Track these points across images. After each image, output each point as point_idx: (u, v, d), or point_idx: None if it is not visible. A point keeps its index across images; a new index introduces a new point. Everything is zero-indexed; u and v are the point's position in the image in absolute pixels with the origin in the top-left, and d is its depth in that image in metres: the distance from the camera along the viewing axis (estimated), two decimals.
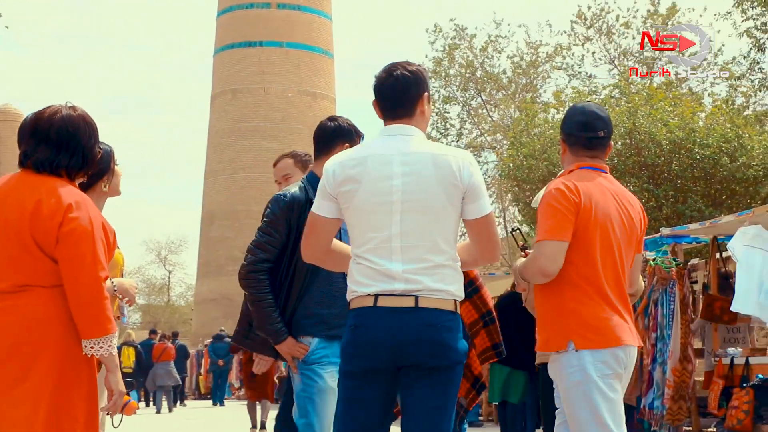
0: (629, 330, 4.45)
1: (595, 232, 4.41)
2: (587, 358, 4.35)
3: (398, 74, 4.02)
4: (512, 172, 22.13)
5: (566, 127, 4.61)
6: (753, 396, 10.20)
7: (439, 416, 3.93)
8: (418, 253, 3.89)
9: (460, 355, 3.95)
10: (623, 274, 4.50)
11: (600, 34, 29.44)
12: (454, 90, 31.34)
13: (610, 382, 4.37)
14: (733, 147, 18.78)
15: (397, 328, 3.88)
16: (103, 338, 3.81)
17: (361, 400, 3.97)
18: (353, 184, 3.95)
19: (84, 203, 3.88)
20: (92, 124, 4.02)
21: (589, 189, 4.44)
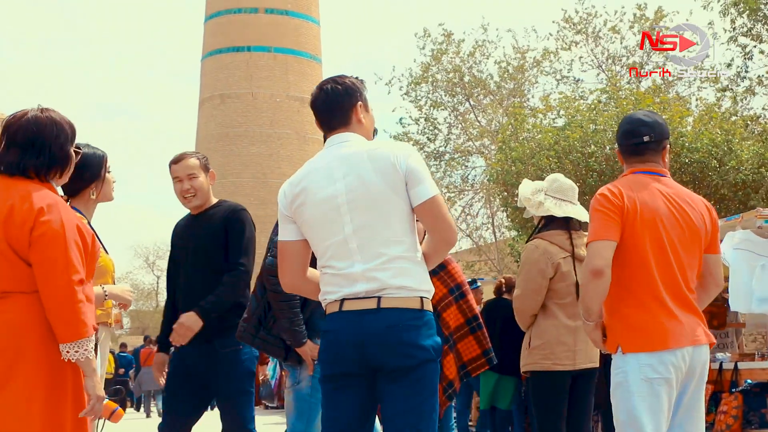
0: (687, 332, 4.47)
1: (643, 233, 4.46)
2: (631, 361, 4.42)
3: (328, 88, 4.13)
4: (500, 177, 22.14)
5: (617, 137, 4.76)
6: (742, 401, 10.21)
7: (415, 417, 3.91)
8: (374, 248, 3.90)
9: (428, 353, 3.91)
10: (683, 275, 4.53)
11: (588, 38, 29.48)
12: (442, 95, 31.35)
13: (655, 386, 4.39)
14: (722, 151, 18.82)
15: (360, 330, 3.90)
16: (78, 342, 3.77)
17: (339, 403, 4.00)
18: (302, 198, 4.02)
19: (56, 206, 3.85)
20: (61, 123, 4.00)
21: (634, 191, 4.52)
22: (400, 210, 3.93)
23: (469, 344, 6.61)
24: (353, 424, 3.99)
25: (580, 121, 20.96)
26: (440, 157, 31.36)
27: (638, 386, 4.39)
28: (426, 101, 31.20)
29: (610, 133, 20.06)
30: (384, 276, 3.89)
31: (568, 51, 29.67)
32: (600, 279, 4.39)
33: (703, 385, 4.60)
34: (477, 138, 31.70)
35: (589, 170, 19.82)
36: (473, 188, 32.22)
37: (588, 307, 4.48)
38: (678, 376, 4.45)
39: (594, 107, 21.92)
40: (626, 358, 4.43)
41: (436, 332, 3.99)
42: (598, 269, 4.39)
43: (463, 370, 6.62)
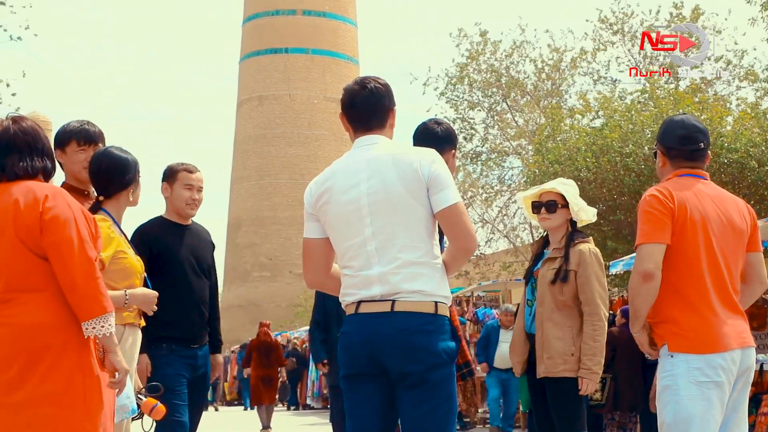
0: (735, 334, 4.47)
1: (694, 236, 4.46)
2: (680, 364, 4.40)
3: (372, 87, 4.11)
4: (537, 178, 22.08)
5: (667, 141, 4.71)
6: None
7: (431, 423, 3.92)
8: (391, 252, 3.93)
9: (440, 358, 3.92)
10: (730, 276, 4.54)
11: (624, 38, 29.33)
12: (479, 95, 31.30)
13: (705, 390, 4.38)
14: (761, 151, 18.67)
15: (372, 333, 3.93)
16: (102, 317, 3.81)
17: (358, 402, 4.04)
18: (326, 198, 4.04)
19: (59, 193, 3.94)
20: (38, 128, 4.07)
21: (683, 194, 4.52)
22: (419, 216, 3.95)
23: None
24: (373, 423, 4.02)
25: (618, 121, 20.88)
26: (477, 157, 31.32)
27: (688, 390, 4.38)
28: (462, 101, 31.17)
29: (648, 132, 19.96)
30: (397, 279, 3.92)
31: (603, 51, 29.53)
32: (650, 282, 4.37)
33: (748, 387, 4.58)
34: (514, 138, 31.63)
35: (627, 170, 19.73)
36: (510, 189, 32.15)
37: (637, 310, 4.45)
38: (729, 379, 4.44)
39: (632, 107, 21.82)
40: (675, 361, 4.42)
41: (449, 337, 3.98)
42: (648, 272, 4.37)
43: None
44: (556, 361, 5.75)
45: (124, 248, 5.00)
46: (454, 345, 4.01)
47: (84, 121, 5.34)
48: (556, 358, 5.75)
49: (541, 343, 5.80)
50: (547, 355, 5.76)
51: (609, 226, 20.15)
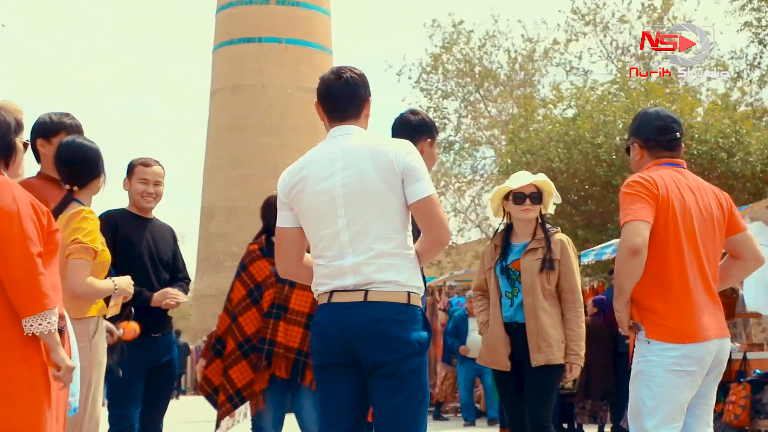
0: (714, 325, 4.52)
1: (676, 224, 4.49)
2: (655, 351, 4.46)
3: (348, 77, 4.11)
4: (510, 168, 22.16)
5: (644, 133, 4.75)
6: (750, 391, 10.27)
7: (402, 413, 3.94)
8: (365, 242, 3.94)
9: (412, 348, 3.94)
10: (710, 266, 4.58)
11: (596, 29, 29.43)
12: (452, 85, 31.35)
13: (677, 378, 4.45)
14: (731, 143, 18.82)
15: (346, 322, 3.94)
16: (41, 315, 3.73)
17: (329, 392, 4.05)
18: (300, 187, 4.05)
19: (5, 185, 3.84)
20: (3, 115, 4.00)
21: (665, 182, 4.56)
22: (393, 206, 3.96)
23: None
24: (346, 413, 4.03)
25: (590, 112, 20.99)
26: (450, 147, 31.37)
27: (662, 377, 4.44)
28: (436, 91, 31.21)
29: (620, 123, 20.08)
30: (370, 270, 3.93)
31: (576, 42, 29.62)
32: (637, 257, 4.37)
33: (720, 377, 4.64)
34: (487, 128, 31.71)
35: (598, 161, 19.85)
36: (483, 178, 32.23)
37: (622, 286, 4.45)
38: (702, 369, 4.49)
39: (604, 98, 21.92)
40: (651, 347, 4.47)
41: (422, 327, 4.00)
42: (636, 247, 4.36)
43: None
44: (554, 349, 5.80)
45: (103, 242, 5.02)
46: (427, 335, 4.02)
47: (64, 113, 5.36)
48: (553, 346, 5.80)
49: (536, 332, 5.81)
50: (546, 343, 5.79)
51: (580, 216, 20.29)
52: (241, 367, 5.93)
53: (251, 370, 5.92)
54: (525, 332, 5.86)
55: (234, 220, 47.05)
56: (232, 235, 46.41)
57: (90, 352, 4.86)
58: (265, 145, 47.54)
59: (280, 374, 5.88)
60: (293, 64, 48.18)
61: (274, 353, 5.87)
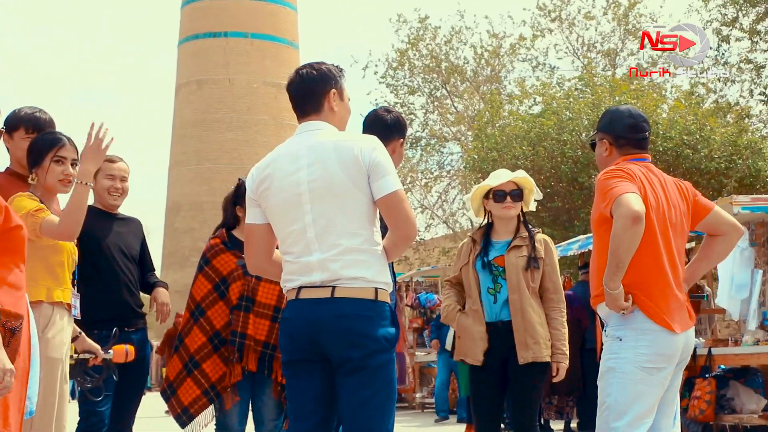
0: (682, 318, 4.56)
1: (650, 218, 4.51)
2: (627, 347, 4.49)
3: (304, 73, 4.15)
4: (477, 165, 22.20)
5: (615, 130, 4.79)
6: (715, 386, 10.33)
7: (368, 410, 3.94)
8: (331, 238, 3.94)
9: (380, 344, 3.94)
10: (679, 258, 4.62)
11: (562, 25, 29.53)
12: (419, 81, 31.36)
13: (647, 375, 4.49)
14: (696, 139, 18.94)
15: (313, 318, 3.95)
16: None
17: (298, 388, 4.06)
18: (267, 184, 4.06)
19: None
20: None
21: (639, 175, 4.59)
22: (359, 202, 3.96)
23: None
24: (314, 409, 4.04)
25: (555, 109, 21.05)
26: (416, 142, 31.39)
27: (633, 374, 4.46)
28: (403, 87, 31.22)
29: (585, 120, 20.15)
30: (336, 266, 3.93)
31: (542, 38, 29.71)
32: (638, 225, 4.33)
33: (683, 368, 4.69)
34: (453, 124, 31.75)
35: (564, 157, 19.93)
36: (450, 174, 32.28)
37: (620, 259, 4.37)
38: (672, 366, 4.54)
39: (569, 95, 21.99)
40: (622, 344, 4.49)
41: (390, 323, 4.00)
42: (637, 214, 4.31)
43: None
44: (542, 346, 5.78)
45: None
46: (394, 331, 4.02)
47: (36, 108, 5.28)
48: (541, 343, 5.78)
49: (524, 329, 5.77)
50: (533, 340, 5.76)
51: (546, 212, 20.34)
52: (214, 361, 5.91)
53: (223, 364, 5.90)
54: (511, 330, 5.82)
55: (200, 215, 46.90)
56: (197, 230, 46.28)
57: (38, 348, 4.55)
58: (230, 141, 47.44)
59: (250, 367, 5.86)
60: (259, 59, 48.08)
61: (246, 346, 5.85)
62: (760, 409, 10.17)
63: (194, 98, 48.33)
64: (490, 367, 5.86)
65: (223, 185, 44.50)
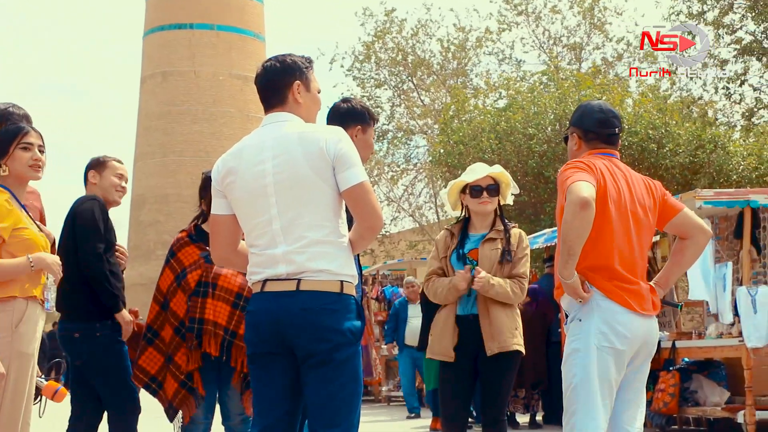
0: (639, 303, 4.59)
1: (608, 210, 4.54)
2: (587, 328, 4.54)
3: (268, 65, 4.15)
4: (443, 158, 22.23)
5: (584, 124, 4.81)
6: (679, 379, 10.42)
7: (333, 403, 3.94)
8: (297, 231, 3.94)
9: (345, 337, 3.94)
10: (640, 251, 4.65)
11: (528, 18, 29.61)
12: (385, 74, 31.36)
13: (605, 355, 4.54)
14: (660, 134, 19.05)
15: (278, 311, 3.94)
16: None
17: (263, 381, 4.05)
18: (232, 176, 4.05)
19: None
20: None
21: (601, 167, 4.62)
22: (324, 194, 3.95)
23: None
24: (279, 402, 4.03)
25: (521, 103, 21.11)
26: (383, 135, 31.40)
27: (590, 352, 4.50)
28: (369, 80, 31.21)
29: (551, 114, 20.23)
30: (302, 259, 3.92)
31: (508, 31, 29.78)
32: (587, 210, 4.34)
33: (650, 359, 4.72)
34: (420, 117, 31.78)
35: (530, 152, 19.99)
36: (416, 168, 32.31)
37: (571, 247, 4.39)
38: (630, 349, 4.57)
39: (534, 89, 22.06)
40: (582, 325, 4.53)
41: (355, 317, 4.00)
42: (585, 199, 4.33)
43: None
44: (506, 335, 5.78)
45: (25, 222, 4.82)
46: (360, 324, 4.01)
47: (10, 104, 5.23)
48: (506, 332, 5.78)
49: (489, 322, 5.79)
50: (498, 331, 5.77)
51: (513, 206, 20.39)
52: (184, 352, 5.90)
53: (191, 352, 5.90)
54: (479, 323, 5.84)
55: (165, 208, 46.67)
56: (162, 223, 46.05)
57: (11, 342, 4.65)
58: (196, 133, 47.23)
59: (210, 351, 5.84)
60: (225, 51, 47.89)
61: (204, 331, 5.83)
62: (723, 402, 10.26)
63: (159, 90, 48.07)
64: (459, 361, 5.86)
65: (188, 178, 44.35)
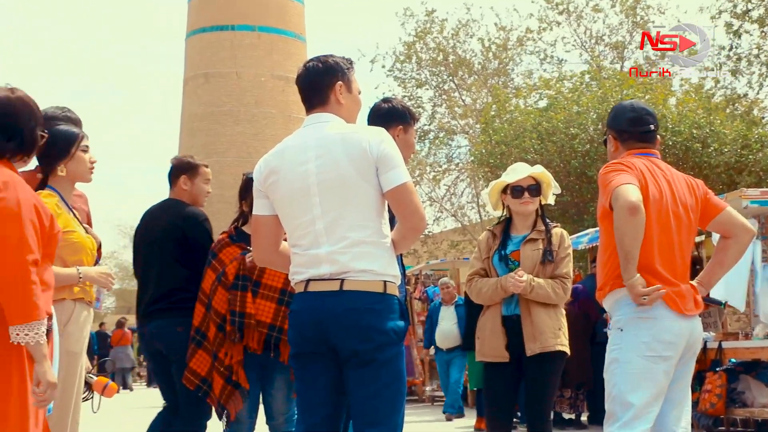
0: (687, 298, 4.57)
1: (649, 209, 4.50)
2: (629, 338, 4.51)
3: (311, 66, 4.16)
4: (484, 158, 22.18)
5: (617, 124, 4.82)
6: (726, 380, 10.34)
7: (379, 402, 3.94)
8: (340, 231, 3.95)
9: (388, 337, 3.93)
10: (681, 251, 4.62)
11: (570, 18, 29.46)
12: (426, 74, 31.34)
13: (651, 364, 4.52)
14: (705, 133, 18.88)
15: (321, 311, 3.95)
16: (29, 325, 3.62)
17: (307, 381, 4.06)
18: (275, 176, 4.06)
19: (12, 184, 3.73)
20: (31, 105, 3.92)
21: (641, 168, 4.59)
22: (367, 195, 3.96)
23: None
24: (322, 402, 4.04)
25: (562, 102, 21.02)
26: (425, 136, 31.38)
27: (636, 362, 4.47)
28: (410, 80, 31.20)
29: (594, 114, 20.11)
30: (345, 259, 3.93)
31: (549, 31, 29.64)
32: (637, 215, 4.33)
33: (694, 359, 4.69)
34: (461, 117, 31.73)
35: (573, 152, 19.90)
36: (458, 168, 32.26)
37: (628, 250, 4.37)
38: (676, 354, 4.54)
39: (576, 88, 21.95)
40: (624, 335, 4.50)
41: (399, 317, 3.99)
42: (634, 204, 4.32)
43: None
44: (548, 335, 5.76)
45: (73, 225, 4.86)
46: (403, 324, 4.01)
47: (65, 108, 5.29)
48: (547, 333, 5.76)
49: (531, 322, 5.77)
50: (539, 331, 5.75)
51: (555, 206, 20.32)
52: (228, 347, 5.89)
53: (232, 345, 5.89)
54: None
55: (208, 208, 46.40)
56: None
57: (60, 342, 4.62)
58: (238, 134, 47.43)
59: (252, 345, 5.82)
60: (267, 53, 48.04)
61: (246, 324, 5.81)
62: None
63: (202, 92, 48.32)
64: (504, 362, 5.85)
65: (231, 179, 44.53)
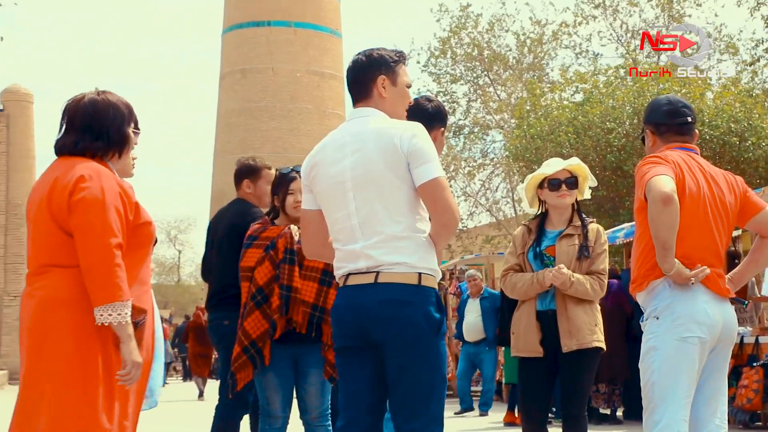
0: (719, 284, 4.57)
1: (686, 202, 4.51)
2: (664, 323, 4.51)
3: (356, 59, 4.18)
4: (519, 153, 22.15)
5: (654, 118, 4.81)
6: (763, 375, 10.28)
7: (416, 393, 3.96)
8: (373, 226, 3.96)
9: (423, 329, 3.95)
10: (717, 244, 4.62)
11: (606, 12, 29.35)
12: (461, 69, 31.33)
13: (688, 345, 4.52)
14: (743, 127, 18.76)
15: (358, 304, 3.98)
16: (112, 305, 3.76)
17: (348, 374, 4.10)
18: (316, 170, 4.12)
19: (98, 174, 3.89)
20: (117, 105, 4.05)
21: (679, 161, 4.59)
22: (399, 190, 3.96)
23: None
24: (363, 396, 4.07)
25: (598, 97, 20.95)
26: (459, 131, 31.37)
27: (672, 346, 4.47)
28: (445, 75, 31.20)
29: (629, 108, 20.05)
30: (378, 254, 3.95)
31: (585, 24, 29.53)
32: (671, 206, 4.33)
33: (727, 351, 4.67)
34: (496, 112, 31.69)
35: (609, 146, 19.84)
36: (493, 162, 32.23)
37: (664, 240, 4.37)
38: (710, 337, 4.53)
39: (612, 82, 21.87)
40: (660, 321, 4.50)
41: (435, 309, 4.00)
42: (667, 195, 4.32)
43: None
44: (585, 332, 5.75)
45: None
46: (439, 316, 4.02)
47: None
48: (584, 329, 5.75)
49: (567, 318, 5.76)
50: (576, 328, 5.74)
51: (591, 201, 20.29)
52: (255, 318, 5.81)
53: (265, 321, 5.81)
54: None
55: None
56: None
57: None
58: (274, 129, 47.58)
59: (297, 320, 5.75)
60: (302, 48, 48.15)
61: (292, 299, 5.76)
62: None
63: (238, 87, 48.52)
64: (539, 357, 5.84)
65: None
